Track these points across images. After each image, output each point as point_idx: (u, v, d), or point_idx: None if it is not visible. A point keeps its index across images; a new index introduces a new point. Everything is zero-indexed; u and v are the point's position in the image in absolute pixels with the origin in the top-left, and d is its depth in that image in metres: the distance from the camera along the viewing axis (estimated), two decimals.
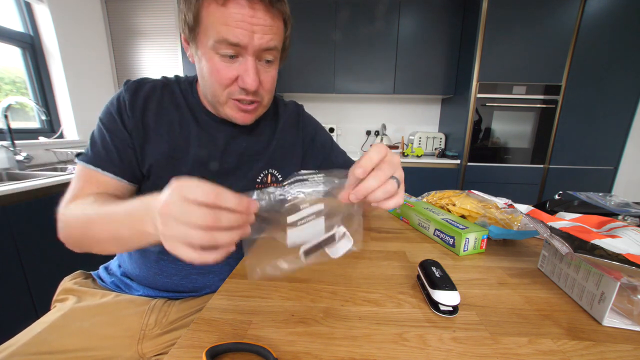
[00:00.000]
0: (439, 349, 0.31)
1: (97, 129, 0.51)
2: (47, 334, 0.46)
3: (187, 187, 0.27)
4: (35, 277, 1.17)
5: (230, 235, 0.28)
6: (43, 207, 1.19)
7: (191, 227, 0.26)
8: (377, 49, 2.28)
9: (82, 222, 0.41)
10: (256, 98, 0.50)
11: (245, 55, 0.46)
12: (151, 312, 0.54)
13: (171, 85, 0.56)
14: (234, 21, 0.42)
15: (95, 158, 0.49)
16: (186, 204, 0.27)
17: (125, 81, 0.54)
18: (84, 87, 2.03)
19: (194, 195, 0.27)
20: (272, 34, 0.45)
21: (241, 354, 0.30)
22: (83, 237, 0.41)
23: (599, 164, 2.08)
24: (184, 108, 0.55)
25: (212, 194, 0.27)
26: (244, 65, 0.46)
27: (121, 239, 0.37)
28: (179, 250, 0.28)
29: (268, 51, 0.47)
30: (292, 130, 0.65)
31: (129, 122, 0.50)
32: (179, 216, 0.27)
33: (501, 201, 0.67)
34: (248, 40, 0.44)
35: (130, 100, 0.51)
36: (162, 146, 0.52)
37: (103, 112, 0.52)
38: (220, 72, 0.46)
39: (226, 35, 0.43)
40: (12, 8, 1.72)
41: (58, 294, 0.56)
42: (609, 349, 0.31)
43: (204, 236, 0.27)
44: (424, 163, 2.17)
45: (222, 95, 0.49)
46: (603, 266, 0.33)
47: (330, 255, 0.39)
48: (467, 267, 0.49)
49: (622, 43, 1.88)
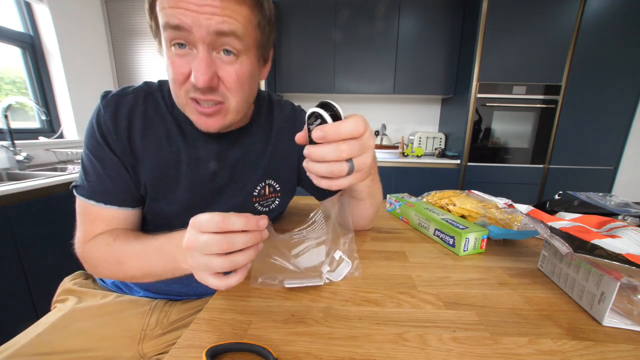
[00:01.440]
0: (439, 349, 0.31)
1: (86, 157, 0.47)
2: (48, 335, 0.46)
3: (199, 222, 0.31)
4: (35, 277, 1.17)
5: (247, 255, 0.33)
6: (43, 207, 1.19)
7: (211, 256, 0.31)
8: (377, 49, 2.28)
9: (112, 264, 0.44)
10: (216, 98, 0.42)
11: (197, 45, 0.38)
12: (152, 313, 0.54)
13: (154, 94, 0.50)
14: (175, 2, 0.36)
15: (93, 192, 0.46)
16: (204, 236, 0.31)
17: (102, 95, 0.47)
18: (84, 87, 2.03)
19: (207, 227, 0.31)
20: (224, 15, 0.37)
21: (241, 354, 0.30)
22: (115, 274, 0.46)
23: (599, 164, 2.08)
24: (169, 121, 0.49)
25: (222, 222, 0.30)
26: (194, 57, 0.39)
27: (154, 274, 0.42)
28: (206, 279, 0.33)
29: (224, 37, 0.38)
30: (289, 134, 0.59)
31: (116, 145, 0.46)
32: (200, 249, 0.31)
33: (501, 201, 0.67)
34: (191, 21, 0.36)
35: (113, 122, 0.45)
36: (152, 167, 0.48)
37: (87, 137, 0.47)
38: (174, 66, 0.40)
39: (167, 19, 0.37)
40: (12, 8, 1.72)
41: (58, 295, 0.56)
42: (609, 349, 0.31)
43: (224, 262, 0.31)
44: (424, 163, 2.17)
45: (180, 94, 0.42)
46: (603, 266, 0.33)
47: (332, 279, 0.43)
48: (467, 267, 0.49)
49: (622, 43, 1.88)
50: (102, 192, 0.46)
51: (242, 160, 0.54)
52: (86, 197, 0.46)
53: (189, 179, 0.50)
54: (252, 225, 0.32)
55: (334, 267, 0.44)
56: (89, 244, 0.46)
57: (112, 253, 0.43)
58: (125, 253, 0.43)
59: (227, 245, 0.30)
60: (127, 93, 0.48)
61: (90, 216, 0.47)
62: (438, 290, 0.42)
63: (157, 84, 0.52)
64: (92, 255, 0.45)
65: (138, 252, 0.42)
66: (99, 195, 0.46)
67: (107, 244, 0.44)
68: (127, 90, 0.48)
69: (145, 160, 0.48)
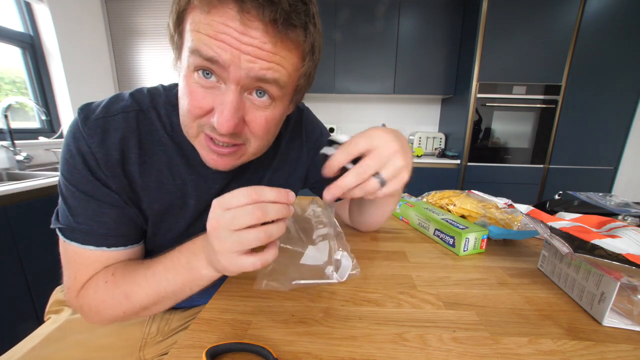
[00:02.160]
0: (439, 349, 0.30)
1: (69, 193, 0.37)
2: (42, 348, 0.43)
3: (225, 199, 0.29)
4: (35, 277, 1.17)
5: (280, 227, 0.30)
6: (43, 207, 1.19)
7: (243, 228, 0.28)
8: (377, 49, 2.28)
9: (117, 302, 0.37)
10: (236, 141, 0.36)
11: (227, 83, 0.32)
12: (152, 321, 0.53)
13: (147, 113, 0.41)
14: (214, 31, 0.30)
15: (88, 236, 0.38)
16: (231, 211, 0.28)
17: (81, 115, 0.37)
18: (84, 87, 2.03)
19: (236, 201, 0.29)
20: (271, 62, 0.31)
21: (241, 354, 0.30)
22: (123, 312, 0.38)
23: (599, 164, 2.08)
24: (170, 146, 0.41)
25: (253, 192, 0.29)
26: (221, 96, 0.33)
27: (171, 294, 0.37)
28: (239, 261, 0.30)
29: (263, 83, 0.33)
30: (296, 141, 0.55)
31: (110, 181, 0.38)
32: (229, 224, 0.28)
33: (501, 201, 0.67)
34: (230, 59, 0.30)
35: (103, 155, 0.37)
36: (155, 204, 0.42)
37: (65, 168, 0.37)
38: (192, 96, 0.33)
39: (199, 46, 0.30)
40: (12, 8, 1.72)
41: (50, 306, 0.52)
42: (609, 349, 0.31)
43: (259, 233, 0.28)
44: (424, 163, 2.17)
45: (191, 126, 0.35)
46: (603, 266, 0.33)
47: (337, 279, 0.43)
48: (467, 267, 0.49)
49: (622, 43, 1.88)
50: (101, 235, 0.38)
51: (251, 180, 0.50)
52: (80, 243, 0.38)
53: (198, 210, 0.45)
54: (282, 197, 0.30)
55: (337, 267, 0.44)
56: (84, 291, 0.38)
57: (115, 289, 0.37)
58: (131, 284, 0.37)
59: (261, 213, 0.28)
60: (114, 114, 0.38)
61: (85, 262, 0.39)
62: (438, 290, 0.42)
63: (148, 98, 0.42)
64: (91, 300, 0.38)
65: (147, 278, 0.36)
66: (96, 238, 0.38)
67: (107, 281, 0.37)
68: (112, 110, 0.39)
69: (146, 197, 0.41)
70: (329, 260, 0.43)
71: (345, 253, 0.45)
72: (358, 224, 0.62)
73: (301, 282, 0.40)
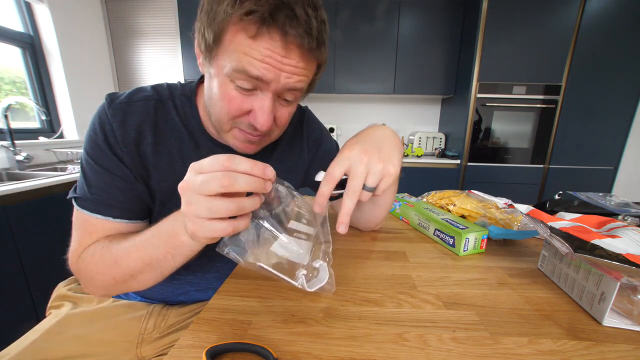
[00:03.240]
0: (439, 349, 0.30)
1: (89, 166, 0.43)
2: (43, 342, 0.44)
3: (200, 163, 0.29)
4: (35, 277, 1.18)
5: (253, 200, 0.30)
6: (43, 207, 1.19)
7: (214, 195, 0.28)
8: (377, 49, 2.28)
9: (107, 266, 0.39)
10: (264, 133, 0.44)
11: (264, 91, 0.39)
12: (149, 317, 0.53)
13: (165, 103, 0.48)
14: (261, 56, 0.35)
15: (97, 204, 0.42)
16: (202, 175, 0.28)
17: (108, 99, 0.44)
18: (84, 87, 2.03)
19: (209, 166, 0.28)
20: (301, 75, 0.39)
21: (241, 354, 0.30)
22: (115, 279, 0.39)
23: (599, 164, 2.08)
24: (182, 132, 0.48)
25: (226, 160, 0.28)
26: (260, 102, 0.40)
27: (156, 262, 0.37)
28: (206, 226, 0.29)
29: (291, 91, 0.41)
30: (297, 139, 0.60)
31: (126, 157, 0.43)
32: (197, 188, 0.28)
33: (501, 201, 0.67)
34: (273, 77, 0.37)
35: (122, 133, 0.43)
36: (164, 182, 0.46)
37: (89, 144, 0.43)
38: (232, 101, 0.40)
39: (247, 67, 0.36)
40: (12, 8, 1.72)
41: (52, 301, 0.54)
42: (609, 349, 0.31)
43: (230, 204, 0.28)
44: (424, 163, 2.17)
45: (227, 123, 0.43)
46: (603, 266, 0.33)
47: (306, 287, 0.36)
48: (467, 267, 0.49)
49: (622, 43, 1.88)
50: (109, 205, 0.43)
51: None
52: (89, 211, 0.42)
53: None
54: (257, 170, 0.29)
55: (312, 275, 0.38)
56: (84, 254, 0.41)
57: (107, 253, 0.39)
58: (122, 249, 0.39)
59: (228, 182, 0.27)
60: (137, 100, 0.45)
61: (90, 228, 0.43)
62: (438, 290, 0.42)
63: (167, 91, 0.49)
64: (87, 263, 0.41)
65: (135, 244, 0.38)
66: (105, 208, 0.42)
67: (103, 247, 0.40)
68: (136, 98, 0.46)
69: (156, 175, 0.46)
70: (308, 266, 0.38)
71: (325, 265, 0.39)
72: (358, 223, 0.62)
73: (265, 268, 0.34)
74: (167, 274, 0.39)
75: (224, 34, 0.36)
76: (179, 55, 2.23)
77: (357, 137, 0.40)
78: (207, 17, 0.37)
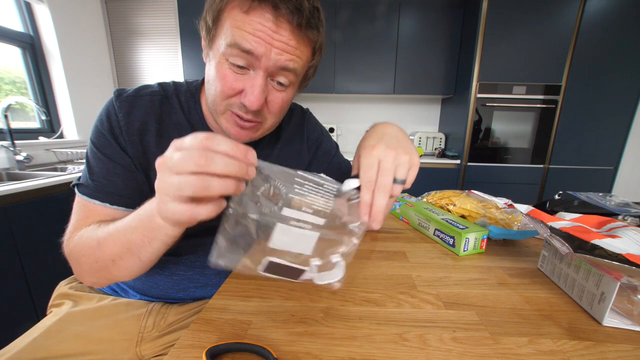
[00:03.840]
0: (439, 349, 0.31)
1: (92, 154, 0.45)
2: (44, 340, 0.45)
3: (181, 140, 0.27)
4: (35, 277, 1.17)
5: (224, 183, 0.26)
6: (43, 207, 1.19)
7: (183, 172, 0.26)
8: (377, 49, 2.28)
9: (92, 247, 0.38)
10: (257, 119, 0.45)
11: (257, 70, 0.40)
12: (149, 315, 0.53)
13: (170, 98, 0.50)
14: (253, 29, 0.37)
15: (97, 190, 0.44)
16: (179, 152, 0.26)
17: (116, 93, 0.46)
18: (84, 87, 2.03)
19: (188, 143, 0.26)
20: (293, 55, 0.40)
21: (241, 354, 0.30)
22: (97, 263, 0.39)
23: (599, 164, 2.08)
24: (185, 127, 0.50)
25: (205, 138, 0.26)
26: (251, 80, 0.41)
27: (134, 246, 0.35)
28: (169, 206, 0.27)
29: (284, 71, 0.41)
30: (297, 138, 0.61)
31: (128, 146, 0.45)
32: (172, 165, 0.26)
33: (501, 201, 0.67)
34: (263, 51, 0.38)
35: (126, 123, 0.45)
36: None
37: (94, 134, 0.45)
38: (226, 79, 0.41)
39: (239, 40, 0.38)
40: (12, 8, 1.72)
41: (54, 299, 0.55)
42: (609, 349, 0.31)
43: (196, 180, 0.25)
44: (424, 163, 2.17)
45: (221, 104, 0.44)
46: (603, 266, 0.33)
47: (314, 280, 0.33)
48: (467, 267, 0.49)
49: (622, 43, 1.88)
50: (109, 192, 0.44)
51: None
52: (89, 196, 0.43)
53: None
54: (239, 153, 0.27)
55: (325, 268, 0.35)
56: (75, 236, 0.42)
57: (93, 236, 0.39)
58: (105, 232, 0.38)
59: (204, 160, 0.25)
60: (143, 95, 0.48)
61: (87, 213, 0.43)
62: (438, 290, 0.42)
63: (172, 87, 0.51)
64: (76, 244, 0.41)
65: (117, 226, 0.37)
66: (104, 194, 0.44)
67: (92, 230, 0.40)
68: (142, 92, 0.48)
69: None
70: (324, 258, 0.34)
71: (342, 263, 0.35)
72: None
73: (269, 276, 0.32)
74: (147, 262, 0.37)
75: (222, 13, 0.39)
76: (179, 55, 2.23)
77: (372, 136, 0.39)
78: (208, 2, 0.41)
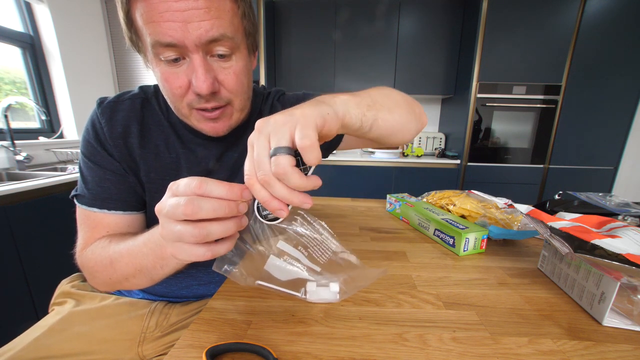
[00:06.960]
0: (439, 349, 0.31)
1: (84, 164, 0.47)
2: (46, 339, 0.45)
3: (176, 183, 0.27)
4: (35, 277, 1.17)
5: (223, 225, 0.27)
6: (43, 207, 1.19)
7: (180, 222, 0.26)
8: (377, 49, 2.28)
9: (104, 266, 0.40)
10: (220, 103, 0.42)
11: (190, 55, 0.37)
12: (151, 315, 0.53)
13: (150, 100, 0.50)
14: (159, 13, 0.34)
15: (94, 199, 0.45)
16: (173, 199, 0.26)
17: (98, 101, 0.48)
18: (84, 87, 2.03)
19: (182, 189, 0.26)
20: (212, 18, 0.36)
21: (241, 354, 0.30)
22: (111, 279, 0.41)
23: (599, 164, 2.08)
24: (166, 127, 0.49)
25: (197, 183, 0.26)
26: (190, 67, 0.38)
27: (145, 270, 0.37)
28: (185, 250, 0.27)
29: (216, 42, 0.37)
30: None
31: (114, 151, 0.46)
32: (166, 212, 0.26)
33: (501, 201, 0.67)
34: (182, 35, 0.35)
35: (109, 128, 0.46)
36: (151, 173, 0.48)
37: (82, 144, 0.47)
38: (169, 80, 0.39)
39: (157, 36, 0.35)
40: (12, 8, 1.72)
41: (56, 297, 0.55)
42: (609, 349, 0.31)
43: (194, 230, 0.26)
44: (424, 163, 2.17)
45: (181, 107, 0.42)
46: (603, 266, 0.33)
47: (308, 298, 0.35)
48: (467, 267, 0.49)
49: (622, 43, 1.88)
50: (104, 199, 0.45)
51: (240, 160, 0.53)
52: (87, 205, 0.45)
53: None
54: (234, 194, 0.26)
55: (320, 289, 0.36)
56: (87, 250, 0.44)
57: (104, 254, 0.41)
58: (117, 252, 0.40)
59: (190, 209, 0.25)
60: (124, 100, 0.48)
61: (91, 223, 0.45)
62: (438, 290, 0.42)
63: (152, 89, 0.51)
64: (89, 260, 0.43)
65: (129, 248, 0.38)
66: (100, 202, 0.45)
67: (103, 247, 0.42)
68: (123, 97, 0.49)
69: (144, 165, 0.48)
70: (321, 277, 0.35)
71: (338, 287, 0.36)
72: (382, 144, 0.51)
73: (265, 285, 0.33)
74: (158, 280, 0.39)
75: (131, 10, 0.37)
76: None
77: None
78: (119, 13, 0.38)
